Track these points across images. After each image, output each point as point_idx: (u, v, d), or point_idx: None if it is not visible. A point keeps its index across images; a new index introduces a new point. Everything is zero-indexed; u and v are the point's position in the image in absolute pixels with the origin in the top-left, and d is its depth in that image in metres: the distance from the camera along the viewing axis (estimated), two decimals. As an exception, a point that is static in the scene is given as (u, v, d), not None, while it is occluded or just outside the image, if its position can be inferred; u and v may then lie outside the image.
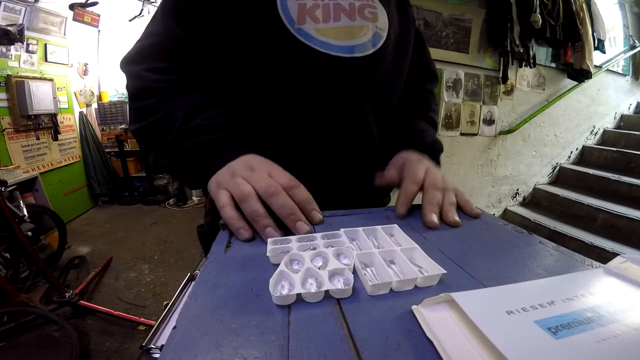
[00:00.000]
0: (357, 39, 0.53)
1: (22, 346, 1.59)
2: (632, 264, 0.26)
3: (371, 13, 0.54)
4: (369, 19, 0.54)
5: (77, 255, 2.54)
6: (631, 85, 3.52)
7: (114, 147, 3.96)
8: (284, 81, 0.52)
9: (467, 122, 2.58)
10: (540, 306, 0.22)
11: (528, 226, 2.70)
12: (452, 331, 0.22)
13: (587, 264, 0.33)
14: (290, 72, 0.52)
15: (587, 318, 0.21)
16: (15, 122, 2.80)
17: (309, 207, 0.42)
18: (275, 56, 0.51)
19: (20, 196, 2.26)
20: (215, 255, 0.36)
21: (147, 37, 0.54)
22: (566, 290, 0.24)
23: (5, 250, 1.96)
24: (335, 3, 0.52)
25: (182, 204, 3.89)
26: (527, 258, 0.34)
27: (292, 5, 0.50)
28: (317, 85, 0.52)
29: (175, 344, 0.22)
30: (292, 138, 0.55)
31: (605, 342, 0.19)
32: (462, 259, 0.34)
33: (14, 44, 2.27)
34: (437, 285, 0.29)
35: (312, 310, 0.26)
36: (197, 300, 0.27)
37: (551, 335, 0.19)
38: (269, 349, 0.22)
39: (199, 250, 2.92)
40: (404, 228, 0.39)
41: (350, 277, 0.29)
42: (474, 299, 0.23)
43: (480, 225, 0.44)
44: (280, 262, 0.31)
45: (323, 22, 0.51)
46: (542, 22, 2.41)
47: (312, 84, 0.52)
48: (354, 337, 0.22)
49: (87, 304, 1.80)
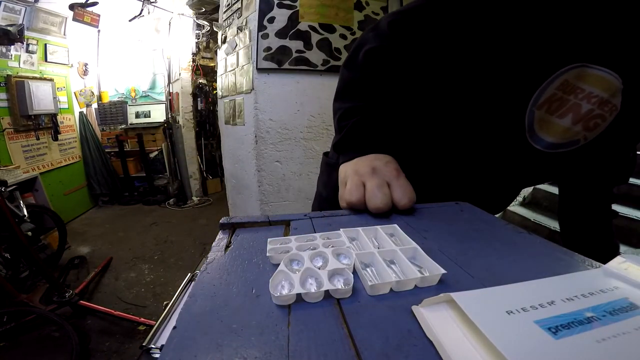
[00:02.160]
0: (563, 139, 0.52)
1: (22, 346, 1.59)
2: (632, 264, 0.26)
3: (595, 125, 0.50)
4: (589, 128, 0.50)
5: (77, 255, 2.54)
6: (631, 85, 3.52)
7: (114, 147, 3.97)
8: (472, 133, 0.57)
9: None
10: (540, 306, 0.22)
11: (528, 226, 2.70)
12: (452, 331, 0.22)
13: (587, 264, 0.33)
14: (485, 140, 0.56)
15: (587, 318, 0.21)
16: (15, 122, 2.80)
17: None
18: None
19: (20, 196, 2.27)
20: (215, 255, 0.36)
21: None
22: (566, 290, 0.24)
23: (5, 250, 1.96)
24: (576, 103, 0.49)
25: (182, 204, 3.89)
26: (527, 258, 0.34)
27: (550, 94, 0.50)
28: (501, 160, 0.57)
29: (175, 344, 0.22)
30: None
31: (605, 342, 0.19)
32: (462, 259, 0.34)
33: (14, 44, 2.27)
34: (437, 285, 0.29)
35: (312, 310, 0.26)
36: (197, 301, 0.27)
37: (551, 335, 0.19)
38: (269, 349, 0.22)
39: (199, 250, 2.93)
40: (404, 228, 0.39)
41: (350, 277, 0.29)
42: (474, 299, 0.23)
43: (480, 225, 0.44)
44: (280, 262, 0.31)
45: (547, 112, 0.50)
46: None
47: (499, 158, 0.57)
48: (354, 337, 0.22)
49: (87, 304, 1.80)
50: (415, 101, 0.59)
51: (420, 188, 0.49)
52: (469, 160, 0.59)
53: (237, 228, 0.45)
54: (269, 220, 0.47)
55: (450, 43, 0.52)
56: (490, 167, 0.59)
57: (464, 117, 0.56)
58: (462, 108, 0.55)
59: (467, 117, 0.56)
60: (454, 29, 0.50)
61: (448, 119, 0.57)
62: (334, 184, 0.55)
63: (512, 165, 0.58)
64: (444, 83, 0.56)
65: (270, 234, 0.42)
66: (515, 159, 0.56)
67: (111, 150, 3.99)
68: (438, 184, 0.60)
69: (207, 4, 3.33)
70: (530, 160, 0.55)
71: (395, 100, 0.57)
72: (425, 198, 0.51)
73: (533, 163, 0.56)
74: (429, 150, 0.60)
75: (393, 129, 0.58)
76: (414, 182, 0.49)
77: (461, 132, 0.57)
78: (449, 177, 0.61)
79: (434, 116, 0.59)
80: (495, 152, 0.57)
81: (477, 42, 0.50)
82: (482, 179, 0.61)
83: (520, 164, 0.57)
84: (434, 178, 0.60)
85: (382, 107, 0.55)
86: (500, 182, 0.63)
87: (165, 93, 4.12)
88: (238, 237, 0.42)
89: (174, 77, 4.03)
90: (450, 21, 0.50)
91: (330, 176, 0.63)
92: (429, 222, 0.45)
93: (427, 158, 0.60)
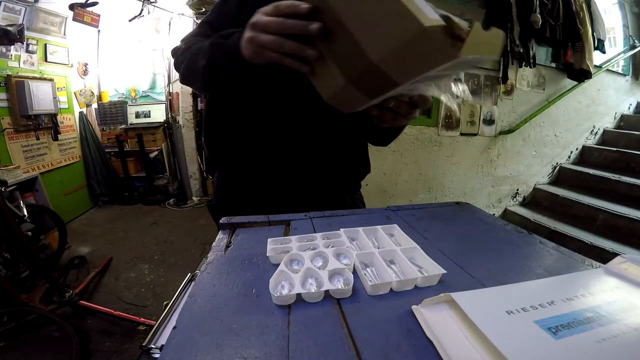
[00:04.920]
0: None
1: (22, 346, 1.59)
2: (632, 264, 0.26)
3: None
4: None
5: (77, 255, 2.54)
6: (631, 85, 3.52)
7: (114, 147, 3.96)
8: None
9: (467, 122, 2.58)
10: (540, 306, 0.22)
11: (528, 226, 2.70)
12: (452, 331, 0.22)
13: (587, 264, 0.33)
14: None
15: (587, 318, 0.21)
16: (15, 122, 2.80)
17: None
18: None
19: (20, 196, 2.27)
20: (215, 255, 0.36)
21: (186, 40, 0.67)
22: (566, 290, 0.24)
23: (5, 250, 1.96)
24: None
25: (182, 204, 3.89)
26: (527, 258, 0.34)
27: None
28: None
29: (175, 344, 0.22)
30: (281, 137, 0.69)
31: (605, 342, 0.19)
32: (462, 259, 0.34)
33: (14, 44, 2.27)
34: (437, 285, 0.29)
35: (312, 310, 0.26)
36: (197, 301, 0.27)
37: (551, 335, 0.19)
38: (269, 349, 0.22)
39: (199, 250, 2.92)
40: (404, 228, 0.39)
41: (350, 277, 0.29)
42: (474, 299, 0.23)
43: (480, 225, 0.44)
44: (280, 262, 0.31)
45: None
46: (542, 22, 2.41)
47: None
48: (354, 337, 0.22)
49: (87, 304, 1.80)
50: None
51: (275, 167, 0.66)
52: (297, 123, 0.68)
53: (237, 228, 0.45)
54: (269, 220, 0.47)
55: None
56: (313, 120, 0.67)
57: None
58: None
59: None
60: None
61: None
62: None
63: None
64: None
65: (270, 234, 0.42)
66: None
67: (111, 150, 3.98)
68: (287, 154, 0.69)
69: (207, 4, 3.33)
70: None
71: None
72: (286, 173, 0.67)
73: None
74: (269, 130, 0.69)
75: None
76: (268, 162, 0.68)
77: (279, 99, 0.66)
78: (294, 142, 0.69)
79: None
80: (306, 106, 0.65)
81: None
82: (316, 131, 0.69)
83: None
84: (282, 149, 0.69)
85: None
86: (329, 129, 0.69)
87: (165, 93, 4.12)
88: (238, 237, 0.42)
89: (174, 77, 4.03)
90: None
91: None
92: (429, 222, 0.45)
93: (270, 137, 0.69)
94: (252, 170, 0.72)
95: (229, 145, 0.72)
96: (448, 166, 2.63)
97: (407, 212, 0.49)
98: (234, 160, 0.73)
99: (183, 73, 0.64)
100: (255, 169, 0.71)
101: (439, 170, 2.61)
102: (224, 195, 0.78)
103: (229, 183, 0.77)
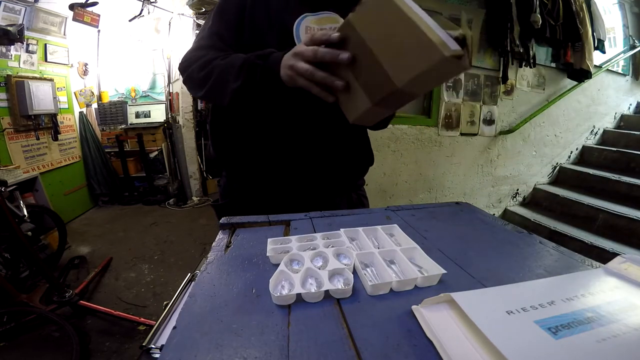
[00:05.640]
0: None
1: (22, 346, 1.59)
2: (632, 264, 0.26)
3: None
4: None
5: (77, 255, 2.54)
6: (631, 85, 3.52)
7: (114, 147, 3.96)
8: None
9: (467, 122, 2.58)
10: (540, 306, 0.22)
11: (528, 226, 2.70)
12: (452, 331, 0.22)
13: (587, 264, 0.33)
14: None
15: (587, 318, 0.21)
16: (15, 122, 2.80)
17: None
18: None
19: (20, 196, 2.26)
20: (215, 255, 0.36)
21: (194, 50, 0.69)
22: (566, 290, 0.24)
23: (5, 250, 1.96)
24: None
25: (182, 204, 3.89)
26: (527, 258, 0.34)
27: (303, 32, 0.65)
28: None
29: (175, 344, 0.22)
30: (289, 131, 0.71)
31: (605, 342, 0.19)
32: (462, 259, 0.34)
33: (14, 44, 2.27)
34: (437, 285, 0.29)
35: (312, 310, 0.26)
36: (197, 301, 0.27)
37: (551, 335, 0.19)
38: (269, 349, 0.22)
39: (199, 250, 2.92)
40: (404, 228, 0.39)
41: (350, 277, 0.29)
42: (474, 299, 0.23)
43: (480, 225, 0.44)
44: (280, 262, 0.31)
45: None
46: (542, 22, 2.41)
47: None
48: (354, 337, 0.22)
49: (87, 304, 1.80)
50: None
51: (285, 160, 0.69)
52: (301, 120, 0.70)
53: (237, 228, 0.45)
54: (269, 220, 0.47)
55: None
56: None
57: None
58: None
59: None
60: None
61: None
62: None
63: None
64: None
65: (270, 234, 0.42)
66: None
67: (111, 150, 3.98)
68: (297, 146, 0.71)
69: (207, 4, 3.33)
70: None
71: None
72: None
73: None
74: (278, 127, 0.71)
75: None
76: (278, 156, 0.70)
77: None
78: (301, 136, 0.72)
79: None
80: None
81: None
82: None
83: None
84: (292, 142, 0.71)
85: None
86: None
87: (165, 93, 4.12)
88: (238, 237, 0.42)
89: (174, 77, 4.03)
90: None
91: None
92: (429, 222, 0.45)
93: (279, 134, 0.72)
94: (262, 168, 0.73)
95: (236, 145, 0.74)
96: (448, 166, 2.63)
97: (407, 212, 0.49)
98: (242, 160, 0.75)
99: (207, 90, 0.64)
100: (264, 166, 0.73)
101: (439, 170, 2.61)
102: (234, 195, 0.79)
103: (240, 182, 0.78)
